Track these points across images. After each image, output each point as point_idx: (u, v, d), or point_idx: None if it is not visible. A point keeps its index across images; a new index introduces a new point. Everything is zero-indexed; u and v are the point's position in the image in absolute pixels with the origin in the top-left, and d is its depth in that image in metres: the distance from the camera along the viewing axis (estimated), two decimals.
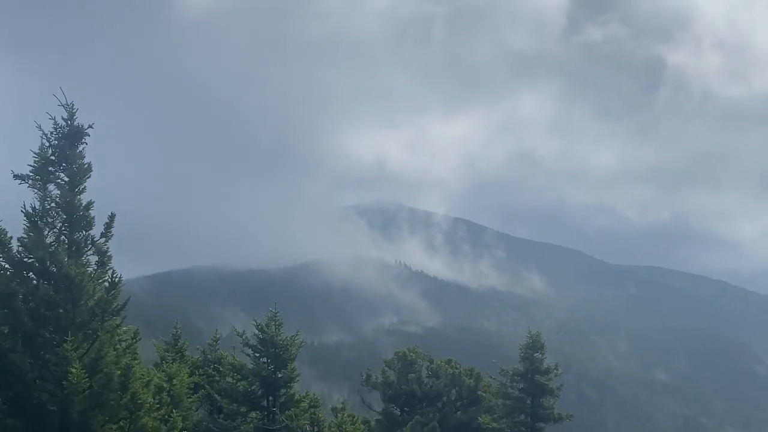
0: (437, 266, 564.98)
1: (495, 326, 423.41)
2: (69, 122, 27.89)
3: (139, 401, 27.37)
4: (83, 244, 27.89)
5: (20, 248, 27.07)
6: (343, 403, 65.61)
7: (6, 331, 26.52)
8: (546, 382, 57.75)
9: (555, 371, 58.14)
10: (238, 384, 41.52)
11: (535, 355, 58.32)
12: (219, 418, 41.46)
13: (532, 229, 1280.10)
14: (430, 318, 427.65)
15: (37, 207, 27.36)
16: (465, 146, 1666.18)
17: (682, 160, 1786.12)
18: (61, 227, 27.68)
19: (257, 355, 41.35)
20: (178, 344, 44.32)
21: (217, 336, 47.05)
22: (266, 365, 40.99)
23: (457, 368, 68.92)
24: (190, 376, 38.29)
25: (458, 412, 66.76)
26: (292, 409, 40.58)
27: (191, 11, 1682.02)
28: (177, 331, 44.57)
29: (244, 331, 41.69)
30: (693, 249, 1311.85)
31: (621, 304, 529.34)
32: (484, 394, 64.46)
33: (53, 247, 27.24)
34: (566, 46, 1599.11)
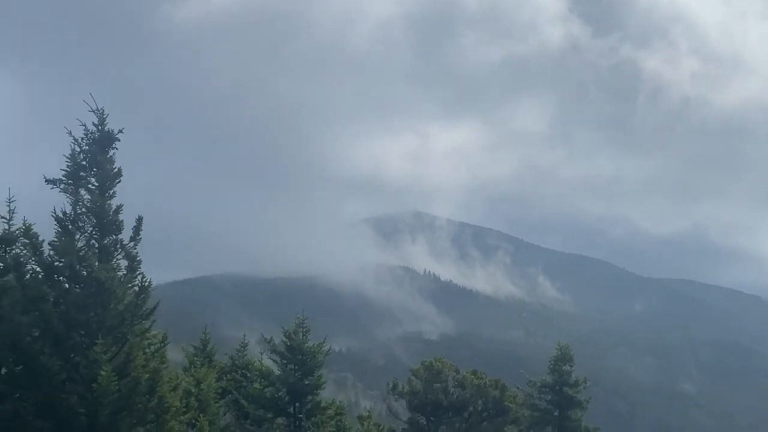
0: (450, 272, 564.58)
1: (517, 336, 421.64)
2: (100, 128, 28.18)
3: (166, 405, 27.51)
4: (113, 248, 28.09)
5: (51, 252, 27.36)
6: (369, 412, 65.62)
7: (37, 333, 26.80)
8: (574, 395, 57.38)
9: (584, 384, 57.78)
10: (265, 390, 41.64)
11: (564, 367, 57.96)
12: (246, 423, 41.61)
13: (551, 238, 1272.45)
14: (445, 325, 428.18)
15: (68, 211, 27.64)
16: (468, 154, 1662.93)
17: (696, 171, 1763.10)
18: (91, 231, 27.91)
19: (284, 361, 41.49)
20: (207, 349, 44.55)
21: (245, 342, 47.23)
22: (293, 372, 41.10)
23: (482, 379, 68.73)
24: (217, 381, 38.44)
25: (484, 423, 66.56)
26: (318, 416, 40.63)
27: (188, 25, 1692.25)
28: (206, 336, 44.84)
29: (271, 338, 41.82)
30: (716, 262, 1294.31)
31: (650, 317, 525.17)
32: (510, 405, 64.17)
33: (84, 251, 27.49)
34: (566, 55, 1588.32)
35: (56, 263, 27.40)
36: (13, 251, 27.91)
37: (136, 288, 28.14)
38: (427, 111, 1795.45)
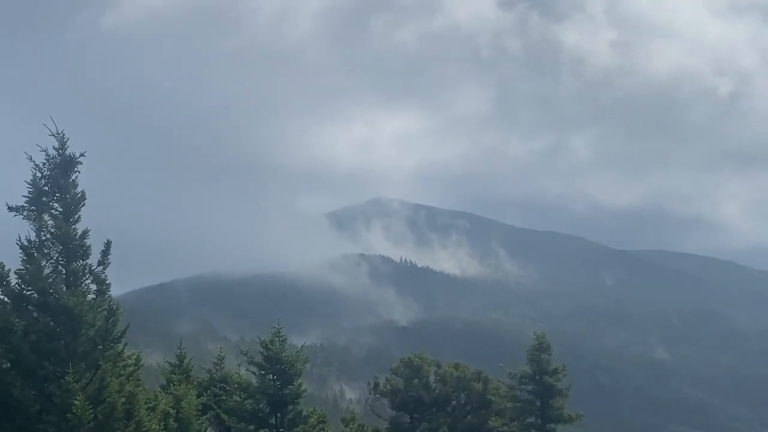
0: (420, 257, 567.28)
1: (495, 317, 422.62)
2: (61, 152, 27.75)
3: (144, 429, 27.19)
4: (81, 274, 27.74)
5: (18, 281, 26.95)
6: (352, 413, 65.51)
7: (7, 365, 26.39)
8: (554, 383, 57.51)
9: (563, 372, 57.93)
10: (246, 402, 41.35)
11: (542, 356, 58.08)
12: None
13: (513, 216, 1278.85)
14: (417, 310, 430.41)
15: (32, 238, 27.23)
16: (415, 139, 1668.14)
17: (638, 141, 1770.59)
18: (57, 258, 27.53)
19: (263, 372, 41.19)
20: (184, 364, 44.08)
21: (222, 354, 46.81)
22: (272, 382, 40.82)
23: (464, 372, 68.67)
24: (198, 398, 38.05)
25: (468, 416, 66.54)
26: (300, 425, 40.39)
27: (120, 31, 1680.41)
28: (182, 352, 44.29)
29: (248, 349, 41.52)
30: (680, 230, 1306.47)
31: (625, 289, 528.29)
32: (493, 398, 64.24)
33: (51, 279, 27.12)
34: (499, 35, 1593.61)
35: (24, 292, 27.01)
36: None
37: (105, 312, 27.77)
38: (371, 99, 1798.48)
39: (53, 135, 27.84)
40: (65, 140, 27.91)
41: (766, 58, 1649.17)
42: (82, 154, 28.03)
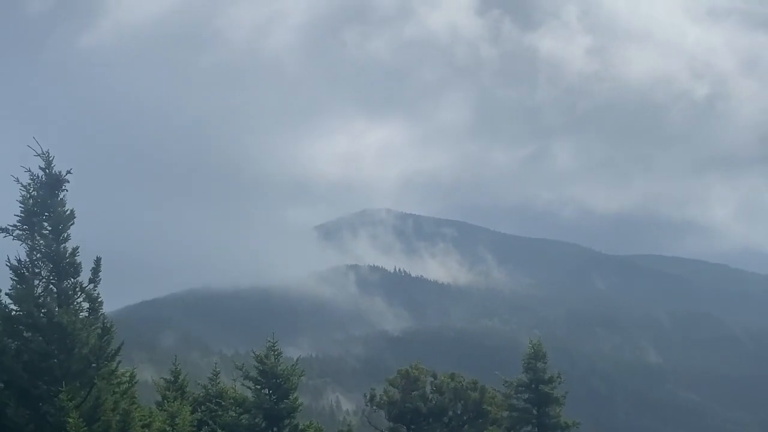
0: (415, 266, 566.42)
1: (490, 325, 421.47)
2: (47, 171, 27.69)
3: None
4: (72, 292, 27.68)
5: (9, 302, 26.87)
6: (349, 426, 65.30)
7: (1, 386, 26.28)
8: (550, 391, 57.30)
9: (558, 379, 57.70)
10: (241, 417, 41.21)
11: (538, 364, 57.84)
12: None
13: (504, 224, 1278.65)
14: (409, 319, 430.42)
15: (23, 258, 27.17)
16: (401, 149, 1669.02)
17: (622, 147, 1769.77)
18: (48, 276, 27.48)
19: (258, 386, 41.03)
20: (179, 380, 43.95)
21: (217, 370, 46.65)
22: (268, 396, 40.67)
23: (460, 382, 68.44)
24: (192, 413, 37.91)
25: (465, 426, 66.30)
26: None
27: (101, 48, 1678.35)
28: (176, 368, 44.18)
29: (243, 364, 41.39)
30: (671, 234, 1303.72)
31: (619, 294, 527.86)
32: (489, 407, 64.04)
33: (42, 298, 27.06)
34: (478, 46, 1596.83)
35: (15, 312, 26.93)
36: None
37: (99, 330, 27.68)
38: (354, 111, 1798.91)
39: (39, 155, 27.83)
40: (51, 159, 27.89)
41: (745, 62, 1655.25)
42: (68, 172, 28.03)
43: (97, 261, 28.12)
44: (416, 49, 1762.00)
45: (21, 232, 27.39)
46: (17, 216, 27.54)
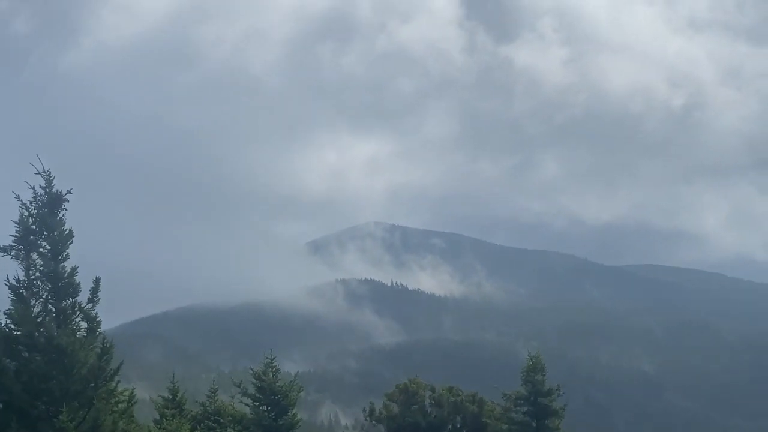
0: (399, 279, 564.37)
1: (488, 337, 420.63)
2: (47, 190, 27.70)
3: None
4: (71, 312, 27.62)
5: (8, 321, 26.81)
6: None
7: (0, 407, 26.20)
8: (549, 404, 57.31)
9: (557, 392, 57.70)
10: None
11: (536, 377, 57.87)
12: None
13: (497, 235, 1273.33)
14: (404, 332, 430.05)
15: (21, 278, 27.12)
16: (387, 162, 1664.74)
17: (606, 157, 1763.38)
18: (47, 296, 27.42)
19: (257, 403, 40.94)
20: (177, 398, 43.83)
21: (215, 387, 46.50)
22: (267, 413, 40.58)
23: (458, 395, 68.35)
24: (192, 431, 37.85)
25: None
26: None
27: (84, 70, 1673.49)
28: (175, 386, 44.06)
29: (241, 381, 41.30)
30: (665, 243, 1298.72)
31: (617, 304, 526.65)
32: (488, 421, 63.94)
33: (41, 318, 27.00)
34: (460, 58, 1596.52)
35: (14, 332, 26.87)
36: None
37: (98, 350, 27.64)
38: (340, 125, 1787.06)
39: (39, 173, 27.86)
40: (51, 178, 27.91)
41: (726, 72, 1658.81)
42: (68, 191, 28.03)
43: (96, 281, 28.09)
44: (396, 62, 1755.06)
45: (20, 252, 27.36)
46: (15, 236, 27.51)
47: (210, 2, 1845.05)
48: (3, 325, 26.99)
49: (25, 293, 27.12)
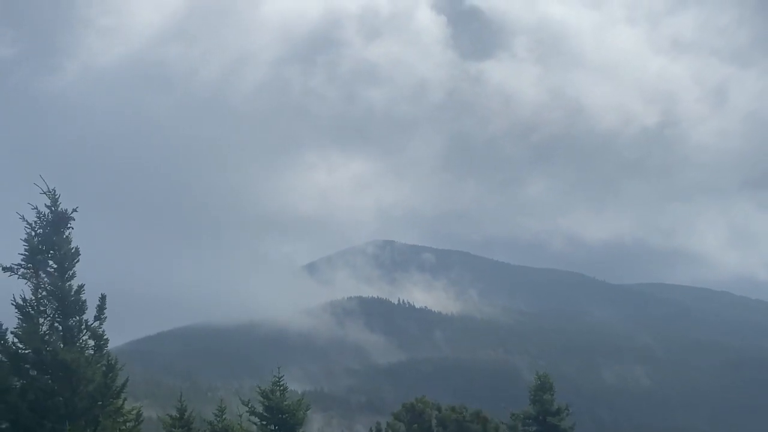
0: (417, 297, 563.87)
1: (496, 355, 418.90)
2: (52, 209, 27.74)
3: None
4: (77, 330, 27.63)
5: (15, 340, 26.80)
6: None
7: (6, 425, 26.13)
8: (558, 423, 57.02)
9: (566, 411, 57.42)
10: None
11: (545, 396, 57.60)
12: None
13: (500, 255, 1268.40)
14: (401, 351, 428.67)
15: (28, 297, 27.13)
16: (379, 182, 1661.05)
17: (593, 179, 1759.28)
18: (54, 314, 27.43)
19: (264, 423, 40.79)
20: (185, 417, 43.66)
21: (223, 406, 46.30)
22: None
23: (461, 414, 68.08)
24: None
25: None
26: None
27: (71, 89, 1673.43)
28: (182, 404, 43.91)
29: (249, 400, 41.16)
30: (667, 262, 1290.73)
31: (623, 322, 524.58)
32: None
33: (48, 336, 26.97)
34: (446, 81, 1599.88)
35: (21, 351, 26.85)
36: None
37: (104, 367, 27.60)
38: (330, 145, 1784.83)
39: (44, 193, 27.92)
40: (57, 197, 27.97)
41: (705, 93, 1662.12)
42: (74, 210, 28.08)
43: (102, 299, 28.09)
44: (380, 82, 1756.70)
45: (26, 271, 27.39)
46: (21, 254, 27.55)
47: (195, 25, 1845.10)
48: (10, 343, 26.96)
49: (32, 312, 27.12)
